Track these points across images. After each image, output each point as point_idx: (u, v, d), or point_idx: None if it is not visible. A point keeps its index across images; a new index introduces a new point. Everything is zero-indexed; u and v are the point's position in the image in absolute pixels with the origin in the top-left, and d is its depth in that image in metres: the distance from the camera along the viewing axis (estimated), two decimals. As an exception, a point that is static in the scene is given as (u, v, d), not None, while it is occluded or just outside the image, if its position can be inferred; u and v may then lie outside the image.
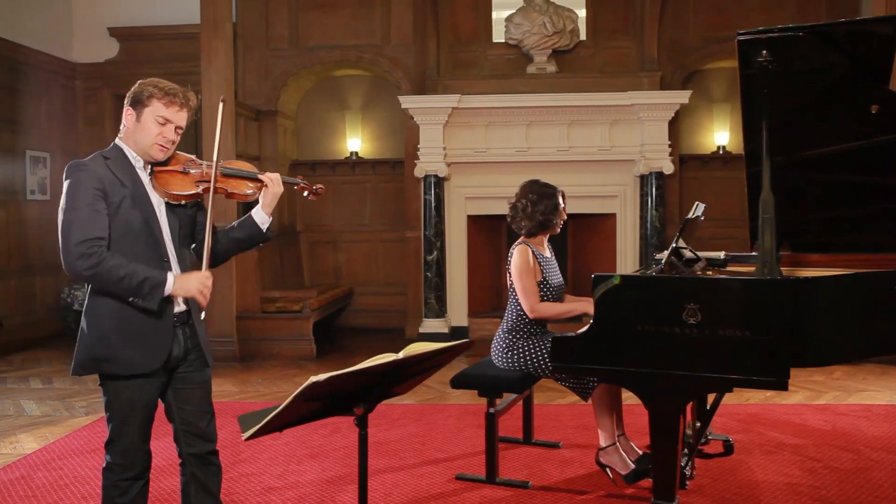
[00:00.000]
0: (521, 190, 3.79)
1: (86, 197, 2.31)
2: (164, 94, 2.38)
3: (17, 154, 7.53)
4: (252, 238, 2.61)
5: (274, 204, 2.57)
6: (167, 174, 2.47)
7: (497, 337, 3.75)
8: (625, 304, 2.77)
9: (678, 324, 2.68)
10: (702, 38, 7.64)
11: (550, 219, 3.69)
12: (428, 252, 7.27)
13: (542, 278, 3.65)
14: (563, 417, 4.79)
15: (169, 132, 2.41)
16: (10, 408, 5.14)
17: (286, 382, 5.86)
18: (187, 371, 2.56)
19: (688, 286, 2.69)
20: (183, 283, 2.39)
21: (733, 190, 8.13)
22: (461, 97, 7.08)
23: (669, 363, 2.71)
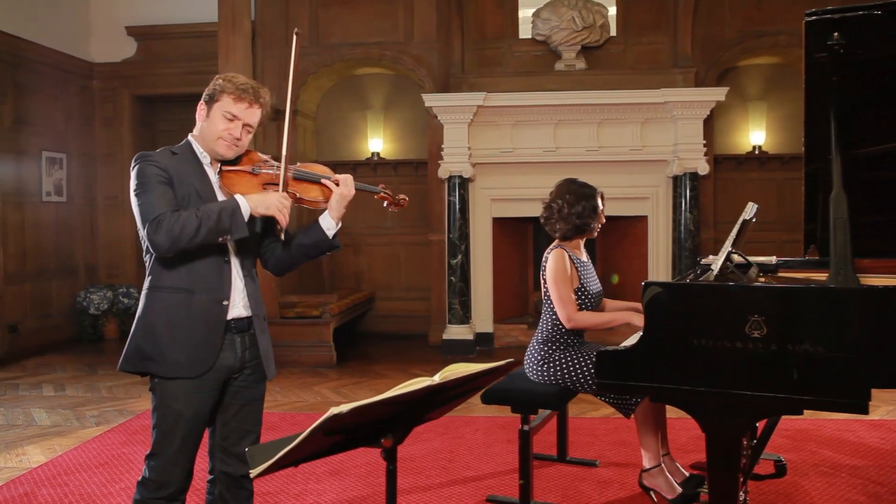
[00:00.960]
0: (556, 190, 3.52)
1: (152, 181, 2.25)
2: (235, 90, 2.30)
3: (33, 155, 7.39)
4: (318, 245, 2.45)
5: (342, 208, 2.40)
6: (234, 174, 2.36)
7: (531, 348, 3.48)
8: (679, 316, 2.49)
9: (741, 338, 2.39)
10: (738, 33, 7.32)
11: (588, 222, 3.41)
12: (452, 256, 7.01)
13: (579, 285, 3.38)
14: (598, 432, 4.51)
15: (235, 129, 2.31)
16: (19, 416, 4.94)
17: (305, 391, 5.63)
18: (241, 385, 2.42)
19: (752, 295, 2.40)
20: (262, 199, 2.27)
21: (769, 192, 7.81)
22: (487, 95, 6.82)
23: (730, 381, 2.42)
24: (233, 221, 2.23)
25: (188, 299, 2.29)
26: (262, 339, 2.42)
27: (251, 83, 2.34)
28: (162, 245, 2.18)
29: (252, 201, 2.26)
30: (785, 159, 7.71)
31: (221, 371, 2.34)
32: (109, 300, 7.79)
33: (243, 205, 2.24)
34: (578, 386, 3.32)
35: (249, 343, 2.40)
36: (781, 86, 7.77)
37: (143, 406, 5.16)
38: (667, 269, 7.12)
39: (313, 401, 5.37)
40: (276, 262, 2.52)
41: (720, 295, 2.45)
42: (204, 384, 2.31)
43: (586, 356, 3.30)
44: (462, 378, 1.52)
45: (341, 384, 5.87)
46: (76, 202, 8.00)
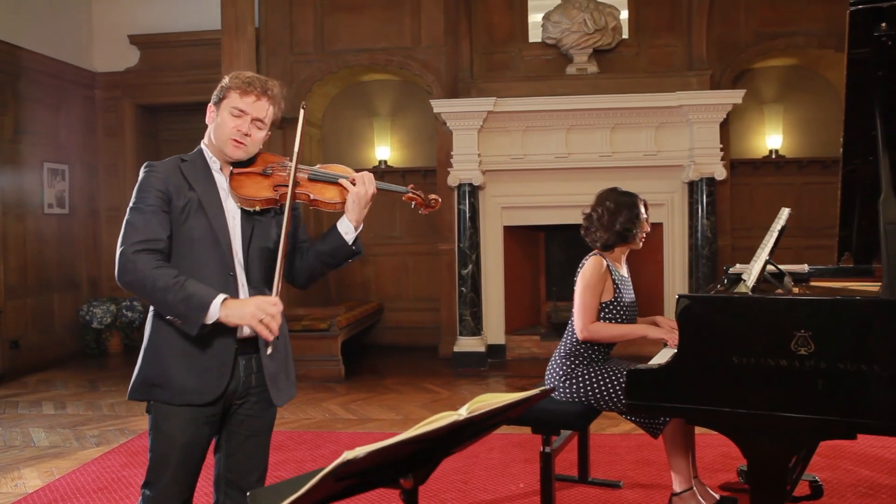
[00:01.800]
0: (597, 198, 3.36)
1: (147, 197, 2.10)
2: (240, 84, 2.16)
3: (35, 166, 7.24)
4: (336, 252, 2.24)
5: (360, 210, 2.19)
6: (243, 176, 2.19)
7: (553, 362, 3.29)
8: (718, 331, 2.30)
9: (786, 355, 2.20)
10: (753, 34, 7.13)
11: (630, 228, 3.22)
12: (462, 266, 6.82)
13: (612, 298, 3.20)
14: (620, 450, 4.31)
15: (244, 124, 2.14)
16: (17, 437, 4.77)
17: (313, 407, 5.44)
18: (247, 414, 2.22)
19: (798, 309, 2.21)
20: (237, 309, 1.99)
21: (786, 197, 7.60)
22: (497, 100, 6.64)
23: (775, 403, 2.22)
24: (189, 314, 1.98)
25: None
26: (268, 360, 2.19)
27: (257, 76, 2.20)
28: (124, 276, 2.04)
29: (227, 309, 1.98)
30: (803, 163, 7.51)
31: (225, 396, 2.16)
32: (113, 314, 7.63)
33: (213, 308, 1.98)
34: (603, 404, 3.12)
35: (256, 367, 2.20)
36: (798, 88, 7.58)
37: (145, 425, 4.95)
38: (683, 277, 6.92)
39: (321, 418, 5.18)
40: (296, 275, 2.34)
41: (763, 308, 2.25)
42: (202, 410, 2.13)
43: (612, 372, 3.12)
44: (493, 411, 1.34)
45: (350, 399, 5.68)
46: (78, 214, 7.85)
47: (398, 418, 5.13)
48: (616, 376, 3.09)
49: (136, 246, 2.03)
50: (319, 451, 4.38)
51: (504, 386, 6.12)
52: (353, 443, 4.52)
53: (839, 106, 7.83)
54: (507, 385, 6.14)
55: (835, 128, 7.61)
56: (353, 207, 2.18)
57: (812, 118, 7.60)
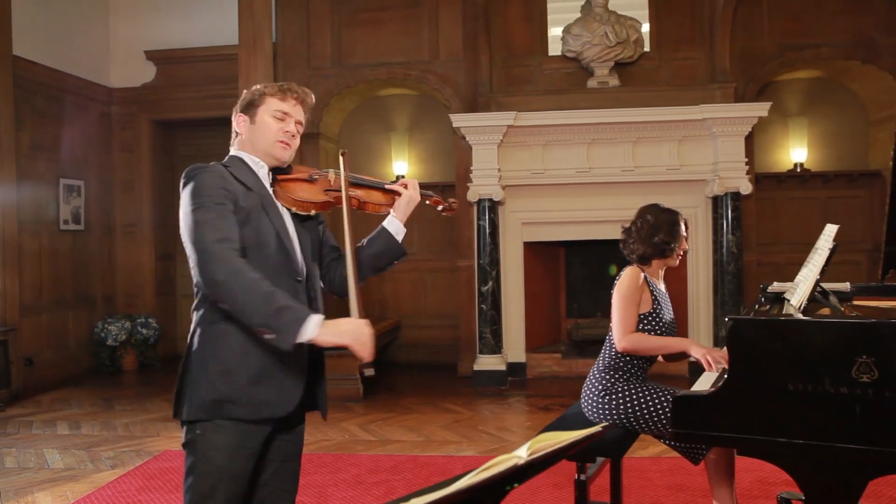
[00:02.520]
0: (638, 212, 3.28)
1: (213, 196, 1.99)
2: (278, 90, 2.17)
3: (51, 182, 7.20)
4: (389, 252, 2.30)
5: (409, 211, 2.30)
6: (292, 182, 2.19)
7: (591, 377, 3.16)
8: (772, 356, 2.16)
9: (846, 382, 2.06)
10: (777, 46, 7.01)
11: (668, 241, 3.11)
12: (483, 282, 6.70)
13: (651, 310, 3.07)
14: (650, 474, 4.16)
15: (290, 126, 2.16)
16: (31, 458, 4.67)
17: (332, 428, 5.31)
18: (283, 438, 2.14)
19: (861, 332, 2.07)
20: (334, 328, 1.91)
21: (812, 211, 7.47)
22: (517, 114, 6.54)
23: (835, 434, 2.09)
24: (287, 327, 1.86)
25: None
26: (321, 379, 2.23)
27: (289, 83, 2.21)
28: (215, 280, 1.90)
29: (326, 329, 1.88)
30: (828, 177, 7.36)
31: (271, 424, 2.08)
32: (128, 331, 7.56)
33: (313, 325, 1.86)
34: (643, 423, 2.99)
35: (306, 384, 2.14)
36: (823, 100, 7.45)
37: (161, 446, 4.87)
38: (707, 294, 6.77)
39: (341, 439, 5.05)
40: (341, 281, 2.28)
41: (822, 332, 2.12)
42: (252, 435, 2.02)
43: (653, 392, 2.99)
44: (555, 452, 1.22)
45: (369, 420, 5.56)
46: (94, 230, 7.80)
47: (419, 440, 5.00)
48: (658, 397, 2.96)
49: (218, 243, 1.92)
50: (340, 474, 4.25)
51: (526, 406, 5.98)
52: (375, 465, 4.39)
53: (865, 118, 7.70)
54: (528, 405, 6.00)
55: (861, 140, 7.52)
56: (404, 209, 2.28)
57: (838, 131, 7.46)
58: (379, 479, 4.14)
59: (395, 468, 4.35)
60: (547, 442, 1.20)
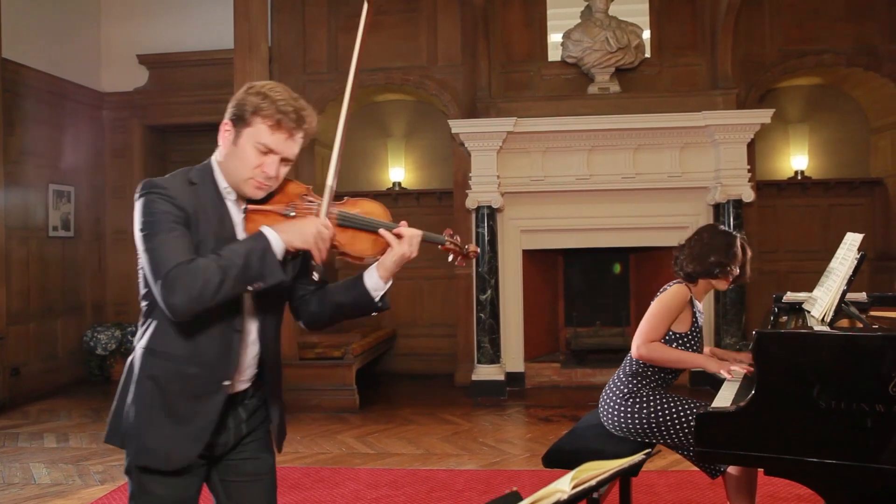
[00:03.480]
0: (696, 231, 3.16)
1: (164, 220, 1.76)
2: (274, 113, 1.77)
3: (40, 188, 7.04)
4: (358, 306, 1.96)
5: (398, 268, 1.92)
6: (261, 216, 1.85)
7: (613, 383, 3.06)
8: (803, 373, 2.06)
9: (882, 399, 1.96)
10: (779, 53, 6.94)
11: (721, 263, 2.97)
12: (481, 291, 6.58)
13: (689, 330, 2.99)
14: (659, 488, 4.04)
15: (270, 166, 1.81)
16: (17, 473, 4.51)
17: (329, 441, 5.18)
18: (240, 459, 1.94)
19: (893, 347, 1.97)
20: (298, 229, 1.77)
21: (813, 219, 7.41)
22: (517, 120, 6.44)
23: (870, 454, 1.98)
24: (263, 265, 1.73)
25: (181, 374, 1.82)
26: (274, 406, 1.97)
27: (293, 103, 1.81)
28: (179, 308, 1.70)
29: (284, 233, 1.76)
30: (830, 185, 7.29)
31: (215, 448, 1.90)
32: (118, 340, 7.39)
33: (275, 241, 1.74)
34: (664, 431, 2.89)
35: (247, 414, 1.94)
36: (824, 107, 7.39)
37: (153, 459, 4.72)
38: (709, 302, 6.67)
39: (337, 452, 4.91)
40: (309, 318, 2.04)
41: (857, 346, 2.02)
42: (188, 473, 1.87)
43: (679, 403, 2.90)
44: (599, 483, 1.11)
45: (366, 432, 5.42)
46: (84, 237, 7.64)
47: (419, 452, 4.87)
48: (684, 408, 2.88)
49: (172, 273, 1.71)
50: (339, 489, 4.11)
51: (526, 417, 5.86)
52: (374, 480, 4.25)
53: (866, 126, 7.64)
54: (528, 416, 5.87)
55: (862, 148, 7.45)
56: (391, 267, 1.91)
57: (839, 138, 7.40)
58: (379, 495, 4.00)
59: (394, 483, 4.21)
60: (591, 473, 1.09)
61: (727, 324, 6.43)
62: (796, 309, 3.21)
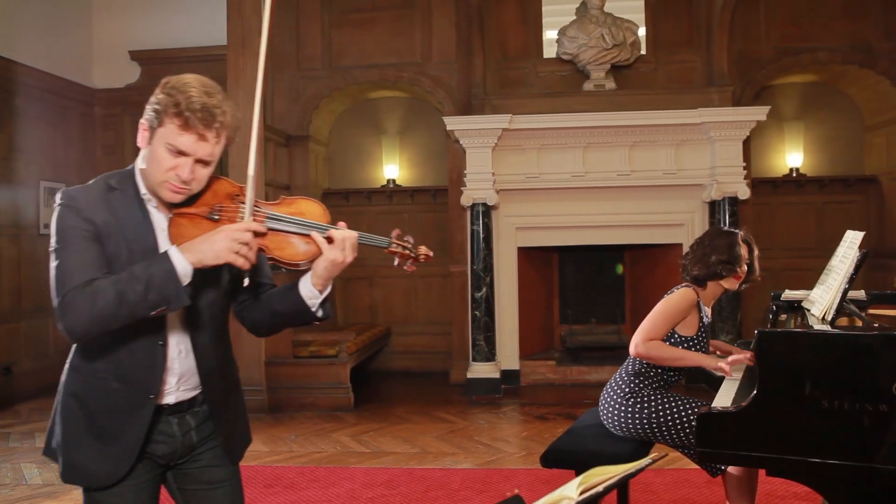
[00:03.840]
0: (699, 237, 3.16)
1: (72, 236, 1.67)
2: (183, 111, 1.64)
3: (31, 185, 6.97)
4: (296, 315, 1.83)
5: (332, 275, 1.76)
6: (186, 220, 1.73)
7: (614, 382, 3.04)
8: (806, 372, 2.04)
9: (886, 399, 1.94)
10: (774, 50, 6.94)
11: (724, 262, 2.95)
12: (476, 288, 6.55)
13: (695, 334, 2.96)
14: (656, 487, 4.02)
15: (184, 169, 1.68)
16: (7, 474, 4.46)
17: (323, 439, 5.14)
18: (195, 466, 1.86)
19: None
20: (208, 245, 1.62)
21: (808, 216, 7.40)
22: (512, 117, 6.41)
23: (873, 455, 1.96)
24: (165, 289, 1.60)
25: (104, 389, 1.75)
26: (219, 417, 1.86)
27: (206, 100, 1.66)
28: (74, 332, 1.62)
29: (193, 251, 1.62)
30: (824, 182, 7.29)
31: (154, 460, 1.82)
32: (110, 338, 7.33)
33: (179, 263, 1.61)
34: (664, 430, 2.87)
35: (196, 422, 1.85)
36: (819, 105, 7.38)
37: (146, 459, 4.67)
38: (705, 300, 6.66)
39: (332, 451, 4.88)
40: (251, 325, 1.94)
41: (861, 345, 1.99)
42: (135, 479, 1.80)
43: (680, 402, 2.89)
44: (607, 488, 1.08)
45: (361, 430, 5.39)
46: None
47: (414, 451, 4.84)
48: (685, 407, 2.86)
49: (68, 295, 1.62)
50: (334, 489, 4.08)
51: (521, 415, 5.84)
52: (370, 479, 4.22)
53: (861, 123, 7.63)
54: (524, 414, 5.85)
55: (857, 145, 7.45)
56: (324, 274, 1.75)
57: (833, 136, 7.40)
58: (374, 495, 3.97)
59: (390, 482, 4.18)
60: (598, 478, 1.06)
61: (722, 321, 6.42)
62: (795, 307, 3.19)
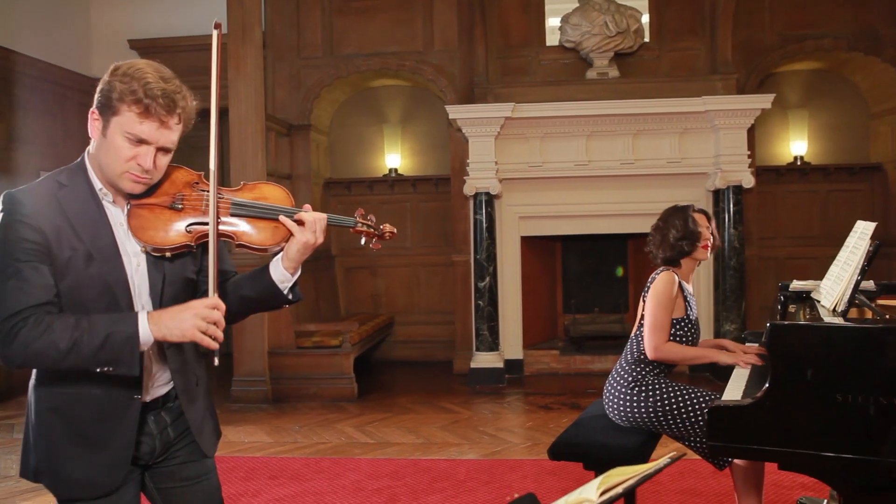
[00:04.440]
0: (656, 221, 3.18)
1: (16, 253, 1.58)
2: (142, 98, 1.58)
3: (31, 175, 6.93)
4: (267, 299, 1.80)
5: (304, 256, 1.74)
6: (146, 211, 1.68)
7: (617, 372, 3.04)
8: (820, 366, 2.02)
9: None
10: (778, 37, 6.88)
11: (686, 235, 2.99)
12: (480, 278, 6.52)
13: (683, 315, 2.98)
14: (661, 476, 4.00)
15: (145, 157, 1.62)
16: (12, 466, 4.46)
17: (327, 430, 5.14)
18: (172, 464, 1.82)
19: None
20: (173, 324, 1.57)
21: (812, 205, 7.38)
22: (515, 106, 6.36)
23: (886, 448, 1.94)
24: (121, 351, 1.56)
25: (84, 398, 1.68)
26: (191, 411, 1.81)
27: (164, 86, 1.62)
28: (12, 360, 1.55)
29: (159, 326, 1.58)
30: (829, 171, 7.25)
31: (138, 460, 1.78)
32: (112, 329, 7.32)
33: (143, 332, 1.57)
34: (669, 420, 2.86)
35: (171, 418, 1.81)
36: (823, 93, 7.33)
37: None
38: (708, 289, 6.65)
39: (337, 442, 4.87)
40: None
41: (874, 340, 1.97)
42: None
43: (685, 392, 2.89)
44: (626, 489, 1.06)
45: (365, 421, 5.38)
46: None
47: (419, 442, 4.83)
48: (690, 397, 2.85)
49: (13, 320, 1.55)
50: (339, 480, 4.08)
51: (525, 405, 5.83)
52: (375, 470, 4.22)
53: (866, 111, 7.56)
54: (528, 403, 5.85)
55: (862, 133, 7.41)
56: (296, 256, 1.73)
57: (839, 123, 7.35)
58: (380, 486, 3.97)
59: (395, 473, 4.18)
60: (618, 479, 1.05)
61: (727, 310, 6.41)
62: (803, 297, 3.17)
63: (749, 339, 3.44)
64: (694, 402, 2.86)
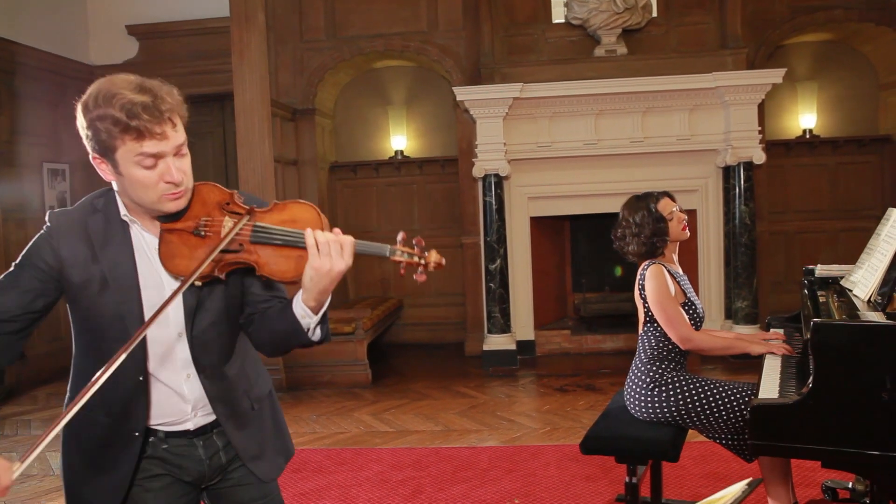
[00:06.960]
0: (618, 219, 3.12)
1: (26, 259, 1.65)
2: (129, 124, 1.49)
3: (34, 167, 6.87)
4: (291, 335, 1.65)
5: (321, 288, 1.55)
6: (175, 237, 1.60)
7: (634, 372, 3.01)
8: (862, 364, 2.00)
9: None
10: (788, 9, 6.79)
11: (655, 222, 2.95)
12: (490, 260, 6.49)
13: (685, 300, 2.95)
14: (683, 461, 3.98)
15: (170, 171, 1.55)
16: (34, 464, 4.44)
17: (345, 419, 5.15)
18: (226, 486, 1.80)
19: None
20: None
21: (821, 178, 7.34)
22: (524, 86, 6.28)
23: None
24: None
25: (93, 422, 1.68)
26: (238, 437, 1.75)
27: (140, 98, 1.50)
28: None
29: None
30: (838, 143, 7.20)
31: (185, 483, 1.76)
32: (122, 319, 7.30)
33: None
34: (693, 416, 2.85)
35: (223, 443, 1.77)
36: (832, 64, 7.25)
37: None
38: (719, 266, 6.63)
39: (356, 431, 4.88)
40: (256, 343, 1.80)
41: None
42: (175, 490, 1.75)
43: (705, 386, 2.87)
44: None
45: (382, 408, 5.39)
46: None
47: (438, 429, 4.84)
48: (711, 390, 2.84)
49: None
50: (363, 472, 4.08)
51: (540, 387, 5.84)
52: (397, 461, 4.23)
53: (876, 82, 7.46)
54: (543, 385, 5.85)
55: (871, 105, 7.34)
56: (309, 286, 1.55)
57: (848, 95, 7.28)
58: (404, 477, 3.98)
59: (418, 463, 4.19)
60: None
61: (738, 287, 6.39)
62: (829, 283, 3.15)
63: (773, 324, 3.42)
64: (716, 395, 2.83)
